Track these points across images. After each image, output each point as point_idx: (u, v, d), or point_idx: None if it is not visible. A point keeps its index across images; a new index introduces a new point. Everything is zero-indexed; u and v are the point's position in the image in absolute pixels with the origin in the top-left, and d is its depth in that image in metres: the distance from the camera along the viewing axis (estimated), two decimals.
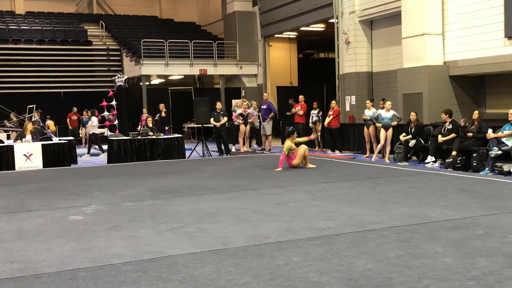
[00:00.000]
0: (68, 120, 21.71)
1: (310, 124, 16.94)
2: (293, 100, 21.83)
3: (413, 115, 13.23)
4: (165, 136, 15.54)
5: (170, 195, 8.71)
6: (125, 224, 6.54)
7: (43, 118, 20.01)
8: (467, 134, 11.85)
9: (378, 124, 13.98)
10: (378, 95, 17.48)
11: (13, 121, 18.54)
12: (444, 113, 12.52)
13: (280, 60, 26.38)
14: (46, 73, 24.12)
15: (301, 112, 17.27)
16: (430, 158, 12.45)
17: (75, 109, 21.71)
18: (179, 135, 16.29)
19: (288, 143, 11.81)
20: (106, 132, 20.90)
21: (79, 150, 17.16)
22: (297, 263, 4.74)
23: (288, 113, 18.49)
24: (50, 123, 20.51)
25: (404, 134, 13.34)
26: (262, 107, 17.61)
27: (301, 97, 17.59)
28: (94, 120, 18.14)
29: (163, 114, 19.94)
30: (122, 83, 21.44)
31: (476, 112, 12.08)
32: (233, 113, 17.62)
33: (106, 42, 27.38)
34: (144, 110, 19.93)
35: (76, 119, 21.57)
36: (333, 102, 16.47)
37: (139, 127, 18.16)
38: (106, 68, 25.59)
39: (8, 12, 29.65)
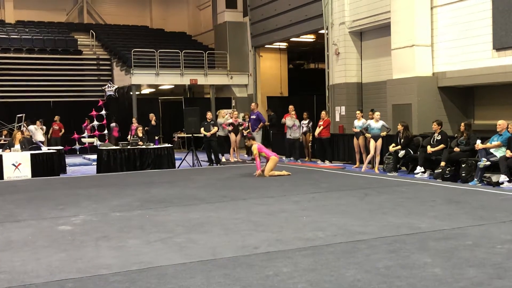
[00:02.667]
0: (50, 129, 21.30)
1: (300, 135, 16.99)
2: (271, 110, 21.90)
3: (400, 126, 13.30)
4: (155, 146, 15.51)
5: (160, 205, 8.68)
6: (114, 235, 6.51)
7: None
8: (454, 149, 11.91)
9: (367, 135, 14.05)
10: (368, 106, 17.57)
11: None
12: (436, 124, 12.57)
13: (271, 70, 26.45)
14: (35, 82, 24.02)
15: None
16: (419, 169, 12.51)
17: (57, 117, 21.39)
18: (169, 145, 16.26)
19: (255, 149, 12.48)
20: (96, 141, 20.86)
21: None
22: (286, 274, 4.73)
23: (267, 123, 18.65)
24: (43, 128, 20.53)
25: (393, 144, 13.40)
26: (251, 117, 17.64)
27: (291, 107, 17.64)
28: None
29: (153, 122, 19.94)
30: (112, 93, 21.43)
31: (462, 124, 12.15)
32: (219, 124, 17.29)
33: (96, 52, 27.34)
34: (134, 119, 19.94)
35: (58, 129, 21.21)
36: (323, 112, 16.53)
37: (129, 136, 18.14)
38: (96, 78, 25.53)
39: None
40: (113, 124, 21.66)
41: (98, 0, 33.26)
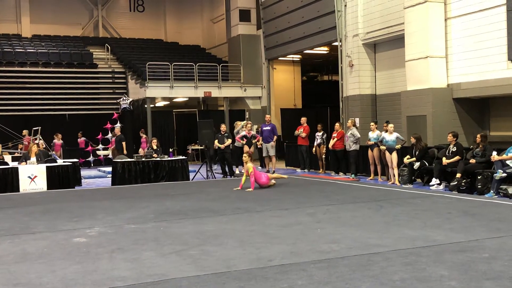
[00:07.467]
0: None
1: (314, 147, 16.96)
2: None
3: (412, 138, 13.21)
4: (169, 158, 15.57)
5: (174, 217, 8.70)
6: (129, 247, 6.52)
7: (50, 138, 20.13)
8: (470, 161, 11.81)
9: (382, 147, 13.98)
10: (382, 118, 17.49)
11: None
12: (451, 135, 12.47)
13: (284, 83, 26.49)
14: (51, 95, 24.26)
15: (303, 134, 17.30)
16: (434, 181, 12.41)
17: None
18: (183, 157, 16.33)
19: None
20: (110, 154, 20.98)
21: None
22: (301, 286, 4.71)
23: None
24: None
25: (408, 156, 13.32)
26: (264, 128, 17.66)
27: (303, 119, 17.62)
28: None
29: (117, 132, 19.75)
30: (127, 106, 21.59)
31: (478, 135, 12.04)
32: (236, 135, 17.66)
33: (111, 65, 27.58)
34: (141, 132, 19.98)
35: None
36: (337, 124, 16.45)
37: (140, 149, 18.23)
38: (111, 91, 25.74)
39: (15, 36, 29.96)
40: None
41: (113, 14, 33.62)
